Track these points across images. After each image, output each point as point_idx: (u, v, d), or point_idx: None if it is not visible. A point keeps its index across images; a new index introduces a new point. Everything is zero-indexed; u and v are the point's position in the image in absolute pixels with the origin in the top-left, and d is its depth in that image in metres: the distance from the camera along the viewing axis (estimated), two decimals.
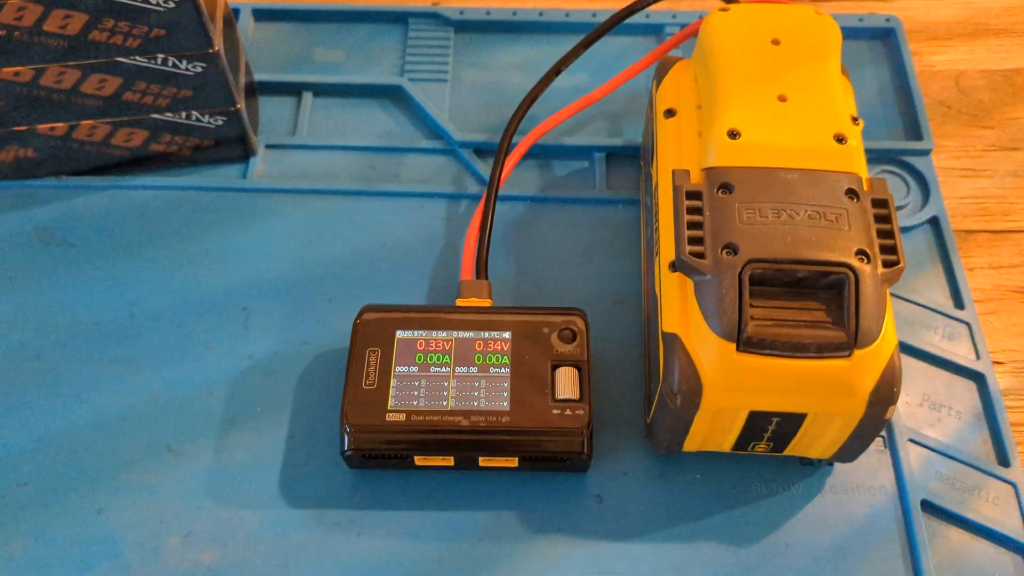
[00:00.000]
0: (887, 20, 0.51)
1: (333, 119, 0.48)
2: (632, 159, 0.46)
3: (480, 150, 0.47)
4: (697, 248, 0.32)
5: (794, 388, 0.32)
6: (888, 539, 0.36)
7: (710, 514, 0.37)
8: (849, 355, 0.31)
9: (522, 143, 0.44)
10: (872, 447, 0.38)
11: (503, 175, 0.43)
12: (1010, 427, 0.39)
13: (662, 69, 0.40)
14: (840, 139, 0.34)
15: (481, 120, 0.48)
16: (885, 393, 0.32)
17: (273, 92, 0.49)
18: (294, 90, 0.49)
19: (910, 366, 0.40)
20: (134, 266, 0.43)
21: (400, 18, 0.52)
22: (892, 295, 0.41)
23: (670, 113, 0.38)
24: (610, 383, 0.40)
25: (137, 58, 0.40)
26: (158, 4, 0.37)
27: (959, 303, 0.42)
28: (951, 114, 0.49)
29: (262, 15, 0.52)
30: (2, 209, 0.45)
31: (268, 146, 0.47)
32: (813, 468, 0.38)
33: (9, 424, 0.38)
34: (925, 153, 0.46)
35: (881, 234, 0.32)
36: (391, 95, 0.49)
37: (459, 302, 0.39)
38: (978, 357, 0.40)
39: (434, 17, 0.51)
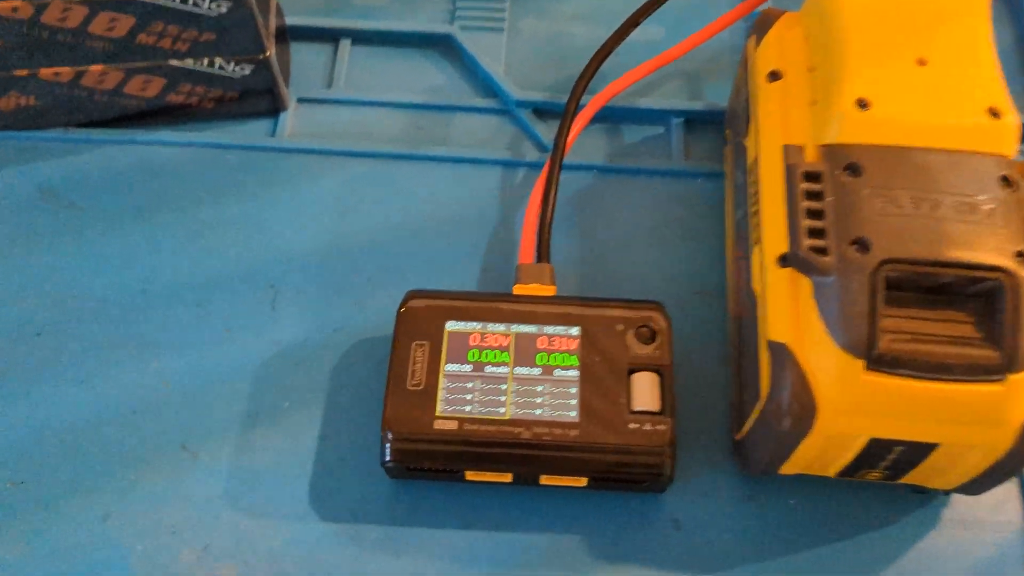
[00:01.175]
0: None
1: (374, 71, 0.43)
2: (715, 126, 0.41)
3: (540, 111, 0.41)
4: (818, 242, 0.27)
5: (930, 415, 0.26)
6: None
7: (805, 546, 0.32)
8: (1002, 379, 0.26)
9: (590, 104, 0.38)
10: None
11: (569, 141, 0.37)
12: None
13: (763, 23, 0.34)
14: (995, 113, 0.28)
15: (542, 77, 0.42)
16: None
17: (307, 38, 0.43)
18: (331, 37, 0.43)
19: None
20: (148, 234, 0.38)
21: None
22: None
23: (774, 76, 0.32)
24: (688, 387, 0.34)
25: None
26: None
27: None
28: None
29: None
30: (2, 163, 0.40)
31: (300, 100, 0.41)
32: (927, 498, 0.32)
33: (3, 412, 0.34)
34: None
35: None
36: (440, 45, 0.43)
37: (517, 289, 0.34)
38: None
39: None
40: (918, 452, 0.28)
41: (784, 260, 0.28)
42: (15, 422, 0.34)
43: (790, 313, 0.28)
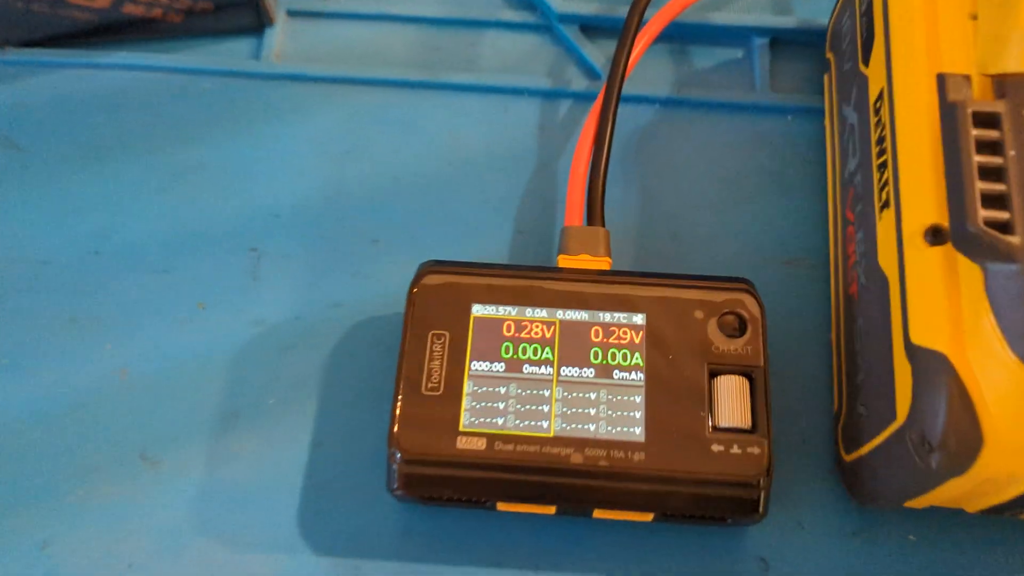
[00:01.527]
0: None
1: None
2: (810, 48, 0.32)
3: (589, 27, 0.33)
4: (999, 214, 0.19)
5: None
6: None
7: None
8: None
9: (654, 20, 0.30)
10: None
11: (629, 65, 0.29)
12: None
13: None
14: None
15: None
16: None
17: None
18: None
19: None
20: (102, 181, 0.31)
21: None
22: None
23: None
24: (777, 388, 0.27)
25: None
26: None
27: None
28: None
29: None
30: None
31: (291, 12, 0.33)
32: None
33: None
34: None
35: None
36: None
37: (563, 261, 0.27)
38: None
39: None
40: None
41: (936, 235, 0.21)
42: None
43: (947, 310, 0.20)
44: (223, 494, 0.26)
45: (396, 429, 0.23)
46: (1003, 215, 0.19)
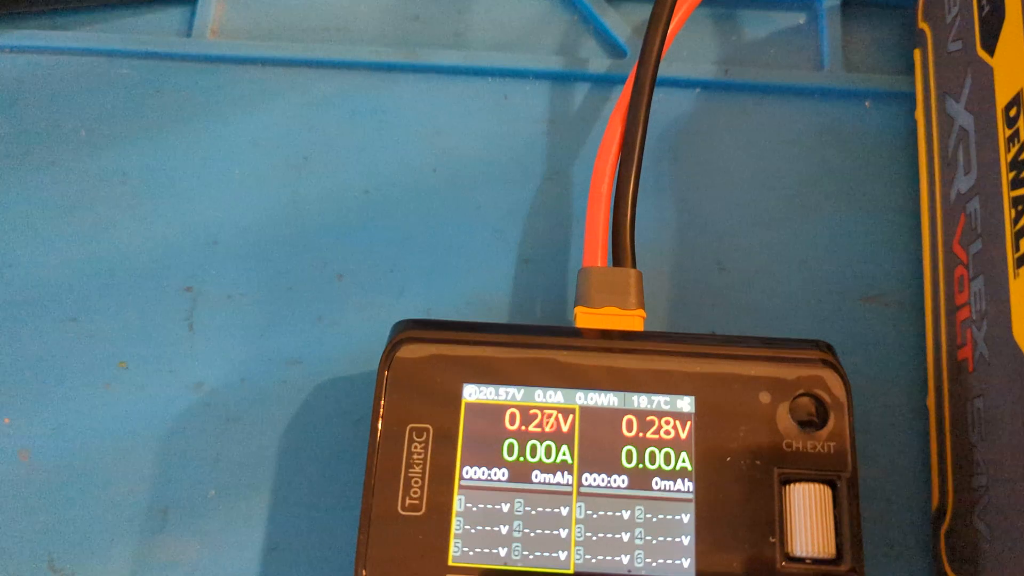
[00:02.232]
0: None
1: None
2: (897, 13, 0.25)
3: None
4: None
5: None
6: None
7: None
8: None
9: None
10: None
11: (666, 42, 0.23)
12: None
13: None
14: None
15: None
16: None
17: None
18: None
19: None
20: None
21: None
22: None
23: None
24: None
25: None
26: None
27: None
28: None
29: None
30: None
31: None
32: None
33: None
34: None
35: None
36: None
37: (582, 316, 0.20)
38: None
39: None
40: None
41: None
42: None
43: None
44: None
45: (365, 559, 0.18)
46: None
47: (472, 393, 0.19)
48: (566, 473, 0.18)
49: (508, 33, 0.26)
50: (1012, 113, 0.18)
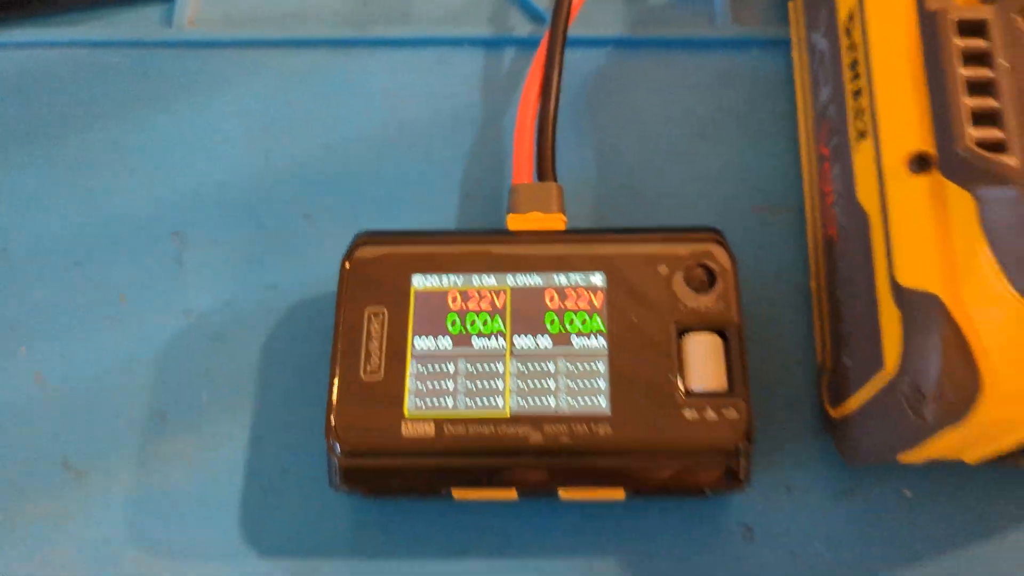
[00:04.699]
0: None
1: None
2: None
3: None
4: (992, 133, 0.17)
5: None
6: None
7: (927, 552, 0.23)
8: None
9: None
10: None
11: (576, 3, 0.27)
12: None
13: None
14: None
15: None
16: None
17: None
18: None
19: None
20: (4, 170, 0.28)
21: None
22: None
23: None
24: (755, 342, 0.25)
25: None
26: None
27: None
28: None
29: None
30: None
31: None
32: None
33: None
34: None
35: None
36: None
37: (512, 222, 0.24)
38: None
39: None
40: None
41: (921, 163, 0.19)
42: None
43: (937, 246, 0.18)
44: (157, 501, 0.24)
45: (334, 420, 0.21)
46: (996, 134, 0.17)
47: (420, 282, 0.22)
48: (500, 338, 0.22)
49: (446, 9, 0.30)
50: (849, 27, 0.22)
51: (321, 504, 0.23)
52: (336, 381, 0.21)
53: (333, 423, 0.21)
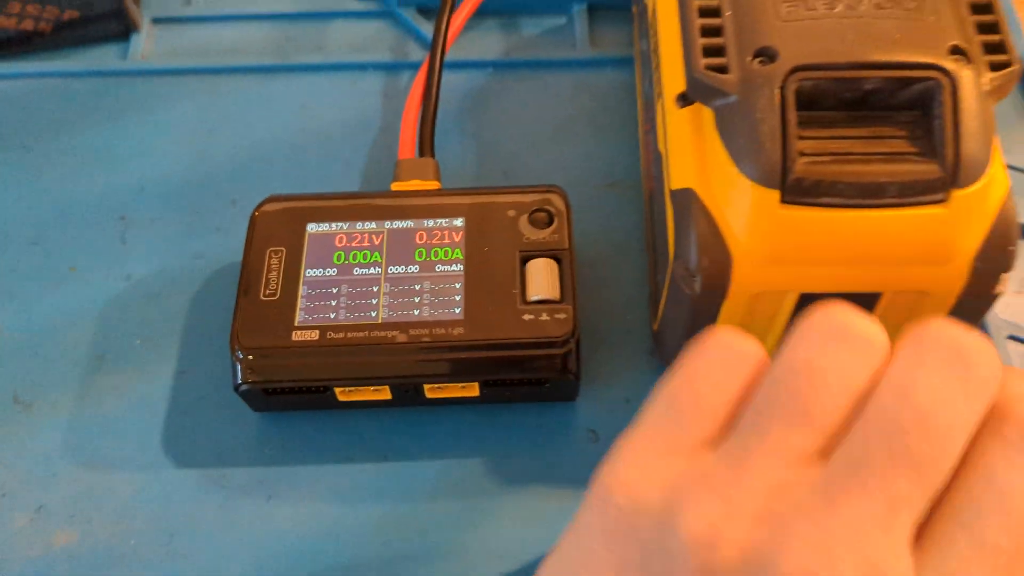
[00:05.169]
0: None
1: None
2: (622, 11, 0.36)
3: (426, 9, 0.37)
4: (717, 60, 0.22)
5: (864, 254, 0.22)
6: None
7: None
8: (945, 198, 0.21)
9: None
10: None
11: (452, 25, 0.33)
12: None
13: None
14: None
15: None
16: (997, 253, 0.22)
17: None
18: None
19: None
20: None
21: None
22: None
23: None
24: (604, 288, 0.30)
25: None
26: None
27: None
28: None
29: None
30: None
31: (155, 20, 0.37)
32: None
33: None
34: None
35: (982, 28, 0.22)
36: None
37: (395, 187, 0.29)
38: None
39: None
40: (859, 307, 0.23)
41: (683, 99, 0.24)
42: None
43: (694, 155, 0.23)
44: (91, 426, 0.28)
45: (236, 329, 0.26)
46: (720, 60, 0.22)
47: (313, 228, 0.28)
48: (376, 267, 0.27)
49: (355, 42, 0.36)
50: (652, 21, 0.28)
51: (232, 424, 0.28)
52: (239, 301, 0.26)
53: (236, 331, 0.26)
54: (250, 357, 0.25)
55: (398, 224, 0.27)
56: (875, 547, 0.15)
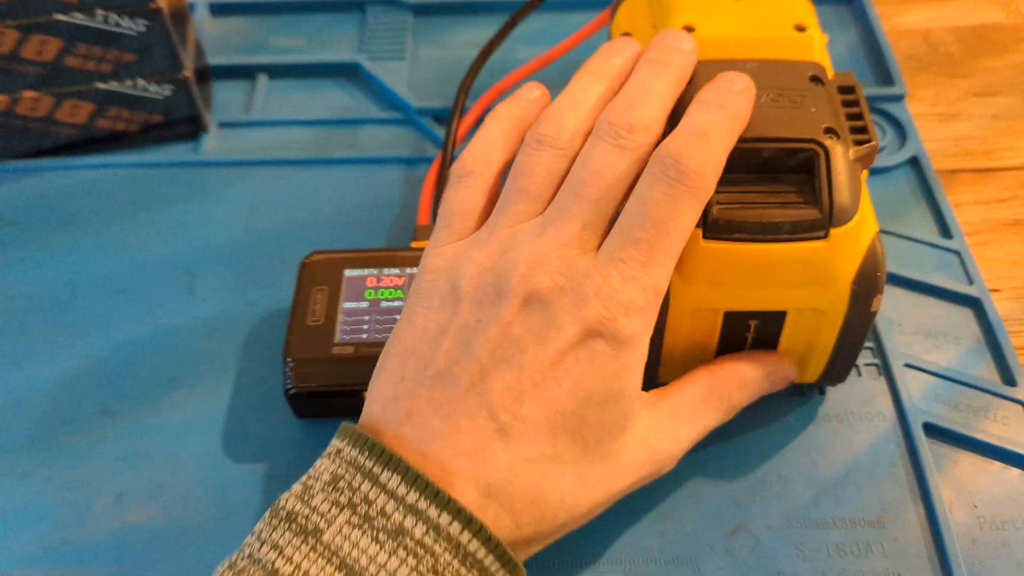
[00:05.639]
0: None
1: (288, 98, 0.47)
2: None
3: (440, 116, 0.45)
4: None
5: (769, 277, 0.29)
6: (891, 465, 0.33)
7: (692, 449, 0.33)
8: (825, 235, 0.29)
9: (481, 99, 0.43)
10: (867, 375, 0.35)
11: (460, 128, 0.41)
12: (1014, 349, 0.36)
13: (617, 1, 0.39)
14: (800, 28, 0.32)
15: (440, 92, 0.46)
16: (869, 278, 0.29)
17: (227, 76, 0.48)
18: (249, 73, 0.48)
19: (902, 298, 0.38)
20: (76, 239, 0.41)
21: (358, 6, 0.51)
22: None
23: (626, 35, 0.37)
24: None
25: (76, 15, 0.39)
26: None
27: (946, 233, 0.40)
28: (922, 66, 0.48)
29: (218, 9, 0.51)
30: None
31: (221, 124, 0.46)
32: (804, 398, 0.35)
33: None
34: (899, 99, 0.45)
35: (850, 116, 0.30)
36: (348, 73, 0.48)
37: (414, 245, 0.37)
38: (971, 283, 0.38)
39: (392, 3, 0.51)
40: (772, 325, 0.31)
41: None
42: None
43: None
44: (163, 431, 0.34)
45: (288, 345, 0.33)
46: None
47: (349, 272, 0.35)
48: (399, 301, 0.34)
49: (381, 142, 0.45)
50: None
51: (276, 429, 0.34)
52: (291, 325, 0.33)
53: (288, 346, 0.33)
54: (299, 365, 0.32)
55: (415, 270, 0.35)
56: (569, 249, 0.27)
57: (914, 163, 0.42)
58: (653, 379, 0.33)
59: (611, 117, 0.28)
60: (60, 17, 0.39)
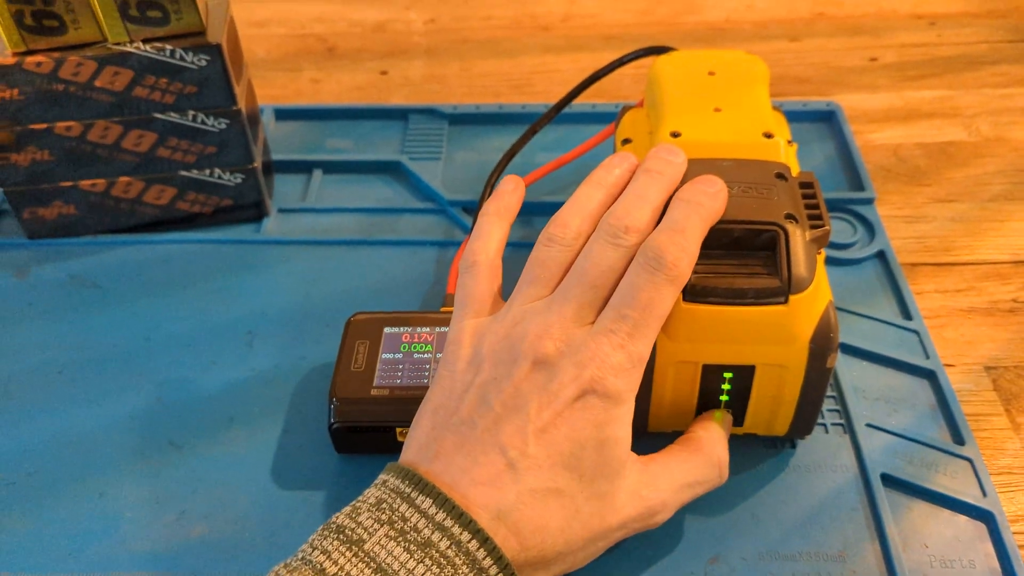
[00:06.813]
0: (827, 105, 0.58)
1: (339, 189, 0.54)
2: None
3: (469, 208, 0.52)
4: None
5: (739, 335, 0.35)
6: (852, 509, 0.37)
7: None
8: (785, 300, 0.34)
9: None
10: (833, 432, 0.40)
11: None
12: (964, 415, 0.41)
13: (621, 113, 0.46)
14: (768, 135, 0.39)
15: (470, 186, 0.54)
16: (824, 338, 0.35)
17: (288, 170, 0.55)
18: (306, 168, 0.55)
19: (867, 368, 0.43)
20: (153, 302, 0.48)
21: (402, 115, 0.59)
22: (846, 311, 0.45)
23: (626, 141, 0.44)
24: None
25: (171, 114, 0.46)
26: (192, 62, 0.45)
27: (908, 316, 0.45)
28: (891, 176, 0.54)
29: (282, 114, 0.59)
30: (43, 261, 0.50)
31: (280, 210, 0.53)
32: (776, 450, 0.40)
33: (26, 424, 0.42)
34: (869, 202, 0.51)
35: (808, 206, 0.37)
36: (392, 170, 0.55)
37: (443, 310, 0.43)
38: (928, 358, 0.43)
39: (431, 112, 0.59)
40: (744, 378, 0.36)
41: None
42: (35, 431, 0.41)
43: None
44: (220, 461, 0.40)
45: (334, 386, 0.39)
46: None
47: (387, 330, 0.41)
48: (428, 353, 0.40)
49: (418, 228, 0.52)
50: None
51: (319, 462, 0.40)
52: (337, 369, 0.39)
53: (334, 387, 0.38)
54: (342, 403, 0.38)
55: (444, 329, 0.41)
56: (569, 322, 0.33)
57: (881, 256, 0.48)
58: (644, 427, 0.38)
59: (612, 220, 0.34)
60: (158, 115, 0.46)
